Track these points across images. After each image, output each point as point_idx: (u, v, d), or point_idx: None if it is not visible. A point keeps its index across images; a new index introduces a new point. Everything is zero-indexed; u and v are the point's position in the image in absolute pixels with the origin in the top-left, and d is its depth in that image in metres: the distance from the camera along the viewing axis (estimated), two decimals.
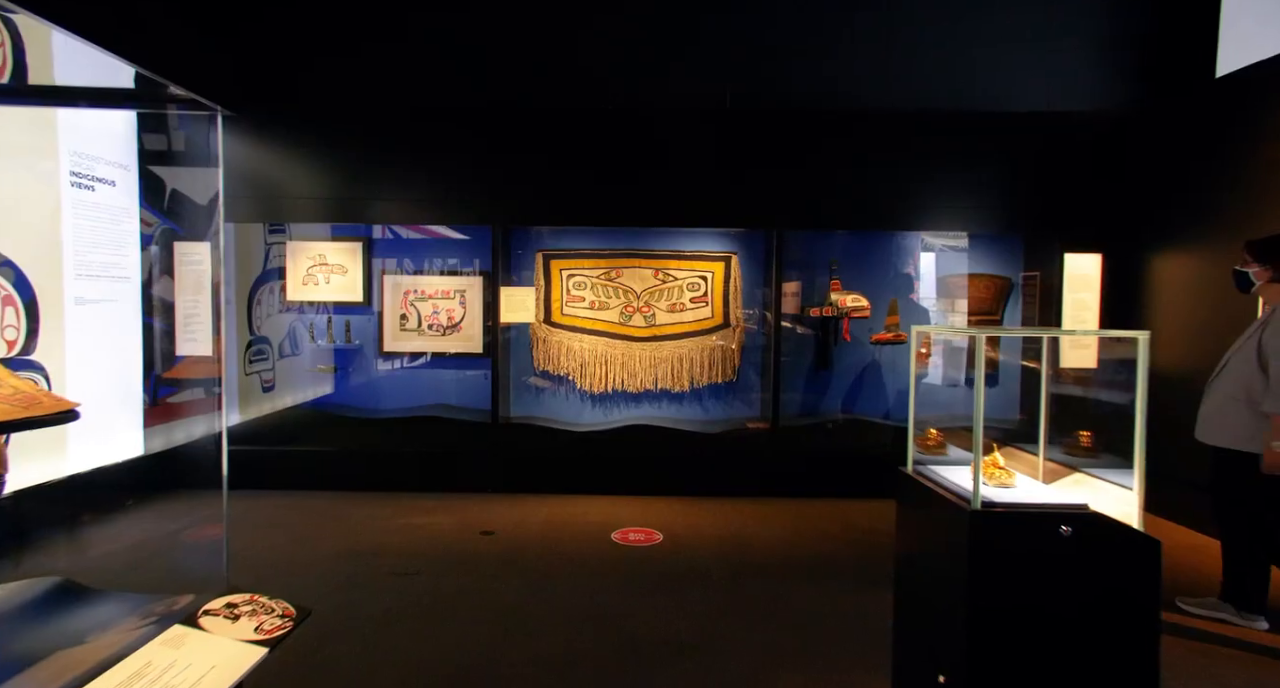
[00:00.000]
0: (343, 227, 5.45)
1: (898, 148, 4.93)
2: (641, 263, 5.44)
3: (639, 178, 4.99)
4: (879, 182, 4.95)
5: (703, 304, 5.46)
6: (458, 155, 4.97)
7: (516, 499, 4.85)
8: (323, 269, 5.41)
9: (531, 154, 4.97)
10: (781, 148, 4.97)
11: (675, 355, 5.44)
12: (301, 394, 5.64)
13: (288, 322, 5.59)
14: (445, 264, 5.52)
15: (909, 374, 5.50)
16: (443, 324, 5.47)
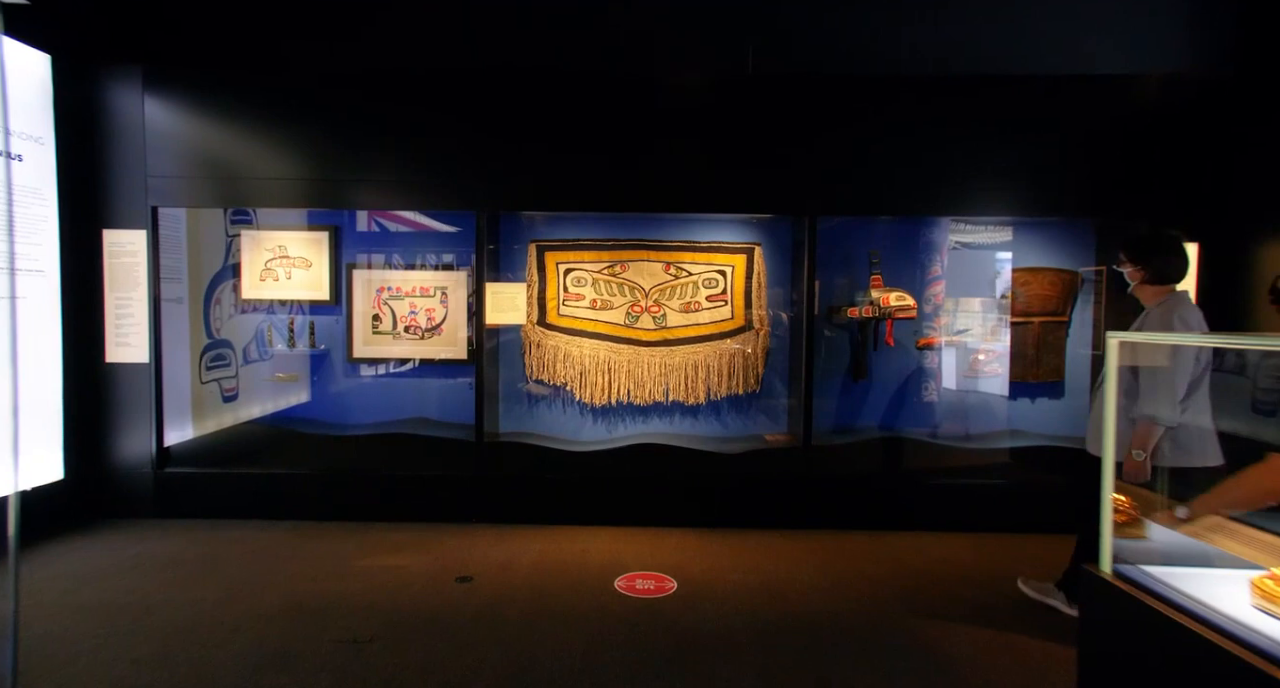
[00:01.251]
0: (308, 213, 4.74)
1: (950, 120, 4.19)
2: (650, 255, 4.71)
3: (648, 156, 4.26)
4: (928, 160, 4.20)
5: (721, 303, 4.72)
6: (437, 129, 4.26)
7: (503, 532, 4.13)
8: (283, 262, 4.70)
9: (523, 128, 4.24)
10: (813, 120, 4.23)
11: (689, 362, 4.71)
12: (271, 403, 4.94)
13: (255, 323, 4.88)
14: (424, 257, 4.81)
15: (961, 383, 4.77)
16: (421, 326, 4.76)
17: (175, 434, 4.49)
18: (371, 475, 4.35)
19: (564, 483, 4.35)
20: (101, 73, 4.21)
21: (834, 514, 4.26)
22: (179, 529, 4.08)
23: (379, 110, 4.26)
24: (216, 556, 3.71)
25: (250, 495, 4.31)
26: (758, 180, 4.28)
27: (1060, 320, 4.56)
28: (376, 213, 4.75)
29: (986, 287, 4.65)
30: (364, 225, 4.79)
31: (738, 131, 4.25)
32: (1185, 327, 2.62)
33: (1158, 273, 2.72)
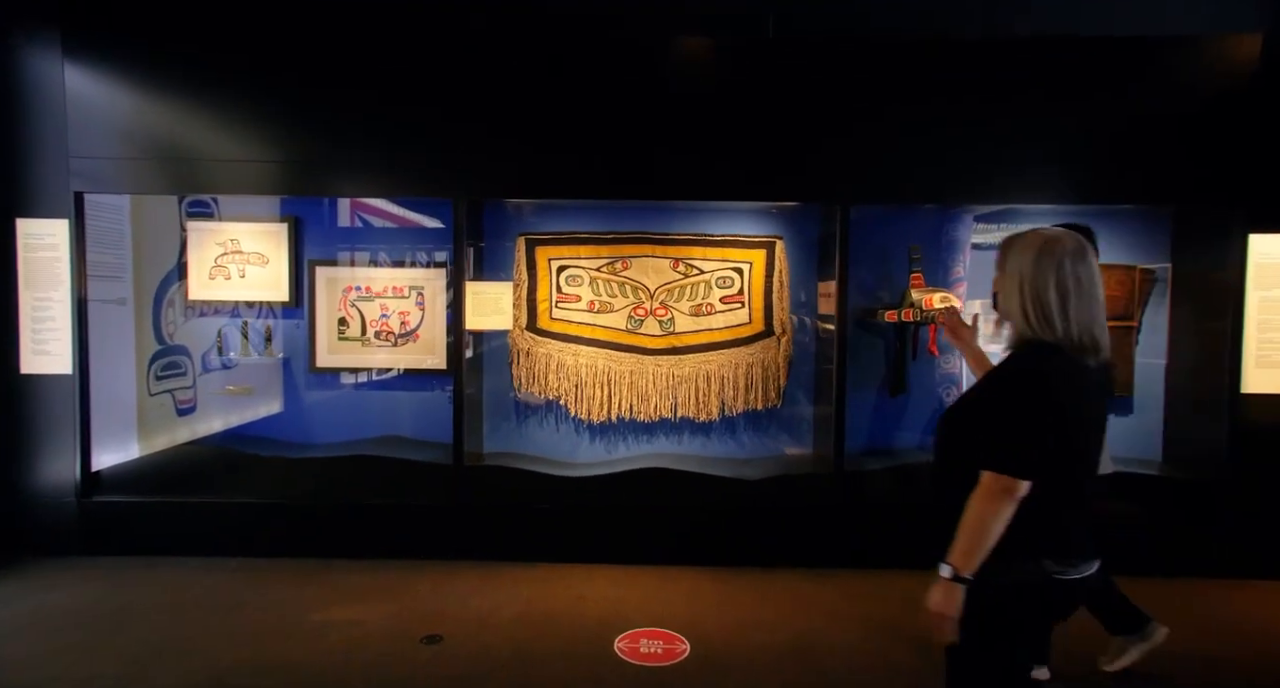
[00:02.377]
0: (265, 202, 4.15)
1: (1004, 91, 3.58)
2: (656, 250, 4.11)
3: (653, 136, 3.66)
4: (978, 139, 3.60)
5: (737, 305, 4.12)
6: (409, 103, 3.66)
7: (485, 572, 3.53)
8: (235, 258, 4.11)
9: (509, 103, 3.64)
10: (845, 93, 3.63)
11: (701, 373, 4.11)
12: (236, 416, 4.34)
13: (218, 326, 4.29)
14: (398, 253, 4.21)
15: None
16: (394, 331, 4.16)
17: (116, 455, 3.90)
18: (334, 505, 3.76)
19: (556, 513, 3.75)
20: (10, 35, 3.61)
21: (874, 551, 3.65)
22: (103, 571, 3.48)
23: (342, 82, 3.67)
24: (139, 607, 3.11)
25: (193, 528, 3.71)
26: (780, 163, 3.67)
27: (1128, 326, 3.95)
28: (346, 202, 4.15)
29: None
30: (329, 216, 4.19)
31: (757, 107, 3.65)
32: None
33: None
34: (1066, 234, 1.59)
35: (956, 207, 3.88)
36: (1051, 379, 1.50)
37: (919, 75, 3.60)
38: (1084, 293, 1.53)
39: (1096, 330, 1.55)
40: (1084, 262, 1.55)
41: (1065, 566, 1.52)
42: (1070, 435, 1.50)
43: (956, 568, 1.50)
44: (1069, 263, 1.54)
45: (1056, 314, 1.52)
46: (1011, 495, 1.47)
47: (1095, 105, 3.57)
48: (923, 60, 3.60)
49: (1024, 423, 1.48)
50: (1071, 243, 1.56)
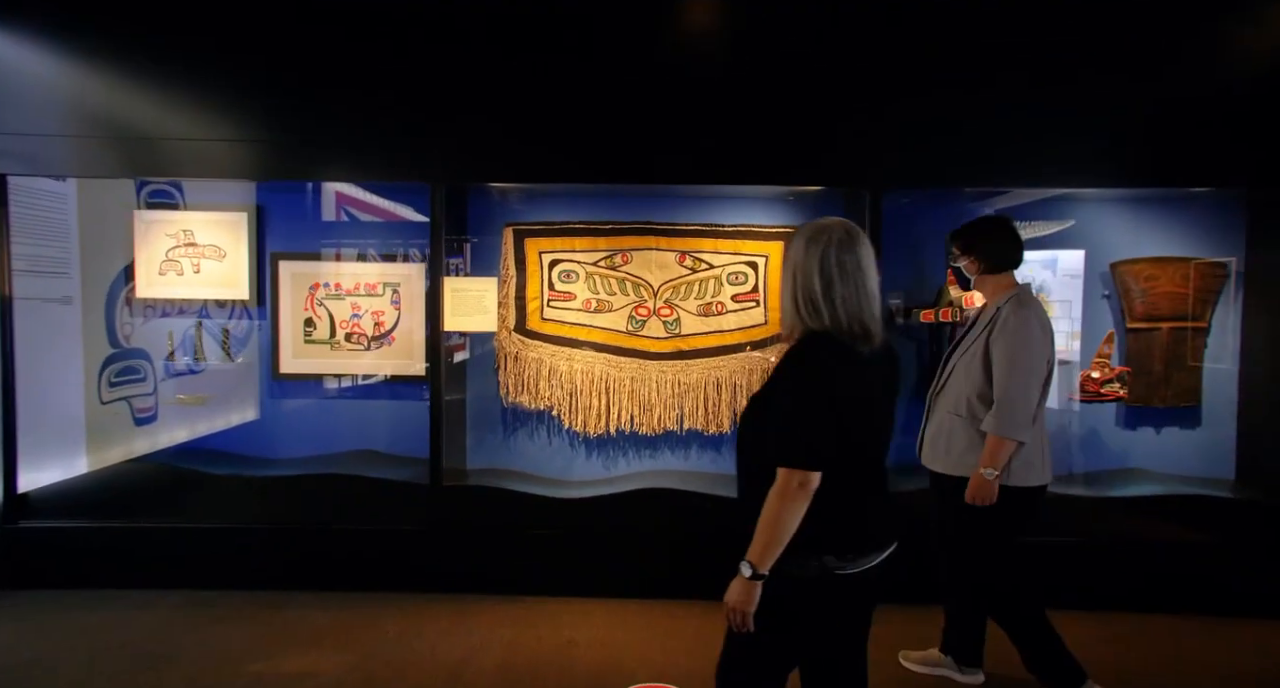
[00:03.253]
0: (226, 189, 3.71)
1: (1058, 59, 3.13)
2: (661, 243, 3.66)
3: (657, 111, 3.22)
4: (1029, 116, 3.14)
5: (751, 304, 3.67)
6: (379, 75, 3.23)
7: (463, 608, 3.08)
8: (188, 252, 3.67)
9: (492, 74, 3.21)
10: (876, 59, 3.18)
11: (710, 380, 3.65)
12: (205, 424, 3.90)
13: (184, 328, 3.85)
14: (372, 244, 3.77)
15: (1064, 408, 3.64)
16: (366, 333, 3.72)
17: (57, 472, 3.47)
18: (295, 530, 3.31)
19: (545, 540, 3.29)
20: None
21: (916, 583, 3.17)
22: (21, 609, 3.04)
23: (309, 52, 3.23)
24: (51, 659, 2.66)
25: (132, 558, 3.27)
26: (802, 143, 3.22)
27: (1197, 327, 3.48)
28: (313, 189, 3.72)
29: (1089, 281, 3.56)
30: (295, 205, 3.75)
31: (776, 78, 3.20)
32: (1045, 332, 2.38)
33: (993, 260, 2.47)
34: (838, 223, 1.59)
35: (1002, 192, 3.41)
36: (822, 368, 1.49)
37: (964, 43, 3.14)
38: (849, 280, 1.52)
39: (866, 318, 1.52)
40: (850, 250, 1.54)
41: (845, 561, 1.50)
42: (847, 426, 1.49)
43: (754, 565, 1.49)
44: (834, 251, 1.53)
45: (823, 301, 1.52)
46: (805, 489, 1.45)
47: (1157, 77, 3.12)
48: (968, 26, 3.14)
49: (801, 415, 1.46)
50: (839, 231, 1.57)
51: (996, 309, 2.40)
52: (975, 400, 2.39)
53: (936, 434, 2.51)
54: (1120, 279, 3.49)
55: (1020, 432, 2.29)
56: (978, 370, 2.38)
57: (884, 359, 1.59)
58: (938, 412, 2.53)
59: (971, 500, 2.34)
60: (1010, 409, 2.28)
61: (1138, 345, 3.49)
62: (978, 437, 2.37)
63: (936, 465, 2.50)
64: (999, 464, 2.30)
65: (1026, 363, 2.30)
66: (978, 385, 2.38)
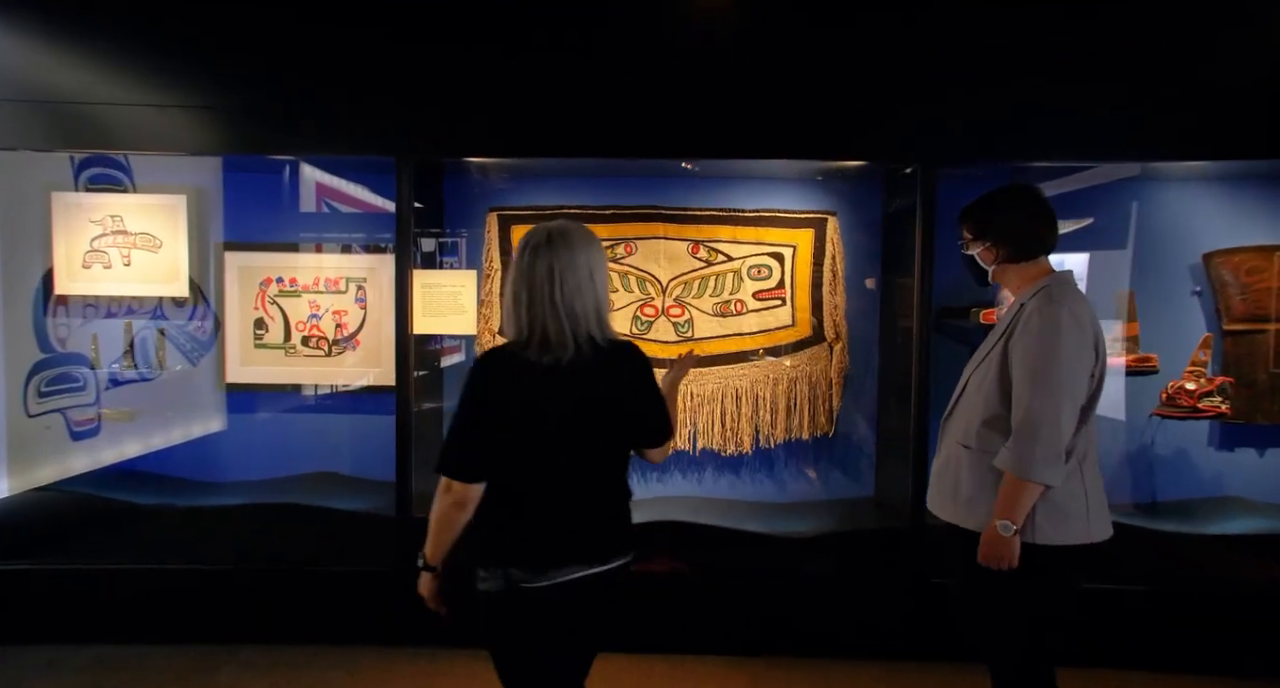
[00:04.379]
0: (184, 168, 3.19)
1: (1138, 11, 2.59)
2: (670, 230, 3.13)
3: (667, 71, 2.68)
4: (1102, 75, 2.61)
5: (776, 302, 3.13)
6: (337, 28, 2.70)
7: (429, 669, 2.56)
8: (116, 241, 3.14)
9: (466, 23, 2.67)
10: (923, 12, 2.64)
11: (728, 391, 3.12)
12: (161, 438, 3.37)
13: (137, 330, 3.32)
14: (332, 233, 3.24)
15: (1147, 426, 3.01)
16: (327, 336, 3.19)
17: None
18: (235, 571, 2.78)
19: None
20: None
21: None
22: None
23: (249, 2, 2.71)
24: None
25: (36, 606, 2.74)
26: (842, 109, 2.69)
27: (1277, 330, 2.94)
28: (264, 167, 3.19)
29: (1174, 275, 3.02)
30: (242, 184, 3.22)
31: (803, 34, 2.67)
32: (1084, 334, 1.73)
33: (1014, 244, 1.86)
34: (544, 226, 1.53)
35: (1080, 168, 2.86)
36: (484, 381, 1.49)
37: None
38: (537, 288, 1.47)
39: (550, 327, 1.47)
40: (543, 255, 1.49)
41: (529, 573, 1.47)
42: (520, 439, 1.47)
43: (424, 555, 1.53)
44: (528, 257, 1.50)
45: (511, 310, 1.51)
46: (453, 495, 1.47)
47: (1248, 27, 2.58)
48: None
49: (456, 425, 1.48)
50: (539, 236, 1.51)
51: (1020, 306, 1.81)
52: (987, 428, 1.80)
53: (942, 470, 1.92)
54: (1215, 272, 2.94)
55: (1045, 470, 1.68)
56: (992, 387, 1.79)
57: (586, 370, 1.48)
58: (945, 442, 1.95)
59: (985, 561, 1.75)
60: (1032, 439, 1.68)
61: (1237, 350, 2.94)
62: (990, 476, 1.78)
63: (942, 512, 1.91)
64: (1018, 514, 1.70)
65: (1055, 376, 1.69)
66: (992, 407, 1.79)
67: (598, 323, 1.50)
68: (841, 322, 3.10)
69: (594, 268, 1.50)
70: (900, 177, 2.88)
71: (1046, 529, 1.73)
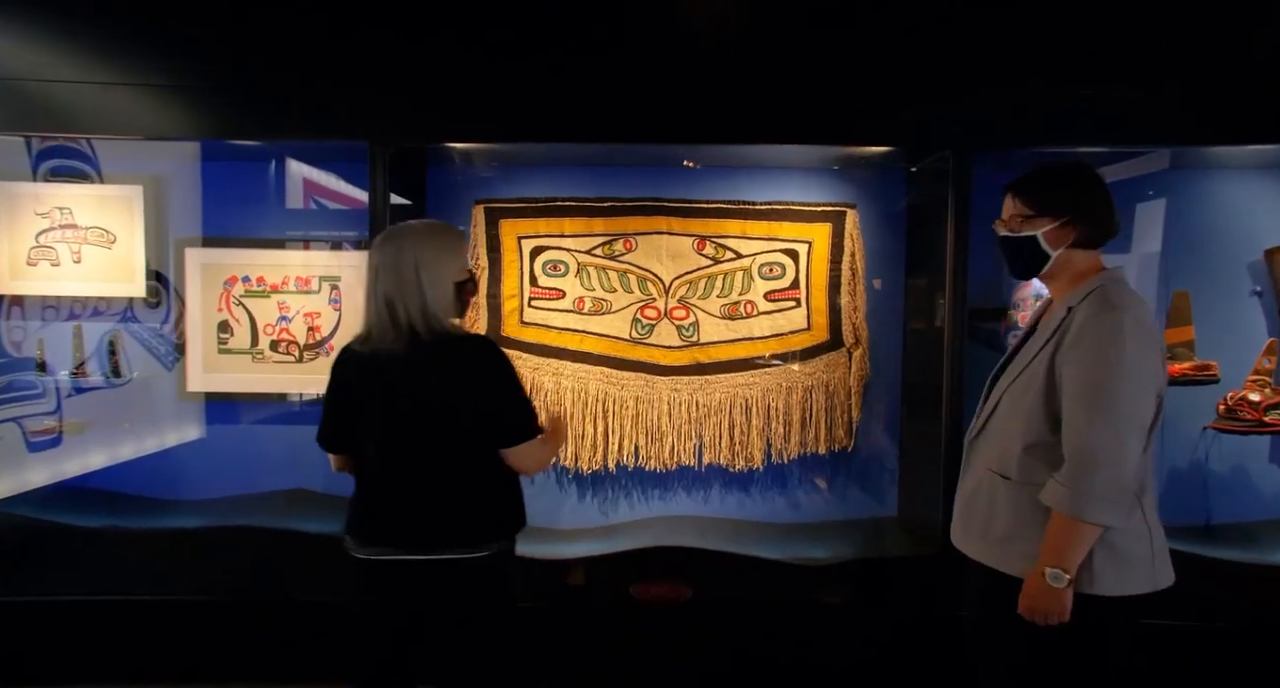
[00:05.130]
0: (126, 156, 2.91)
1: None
2: (674, 225, 2.85)
3: (672, 47, 2.41)
4: (1174, 52, 2.33)
5: (790, 303, 2.85)
6: (307, 2, 2.43)
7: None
8: (65, 236, 2.86)
9: (448, 2, 2.41)
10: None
11: (737, 401, 2.84)
12: (130, 448, 3.10)
13: (102, 334, 3.04)
14: (304, 228, 2.97)
15: (1205, 440, 2.63)
16: (298, 341, 2.91)
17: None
18: (188, 604, 2.51)
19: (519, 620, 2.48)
20: None
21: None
22: None
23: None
24: None
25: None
26: (863, 86, 2.41)
27: None
28: (228, 152, 2.91)
29: (1231, 274, 2.74)
30: (203, 174, 2.95)
31: (824, 2, 2.39)
32: (1148, 344, 1.46)
33: (1095, 226, 1.55)
34: (402, 224, 1.65)
35: (1136, 153, 2.58)
36: (335, 365, 1.65)
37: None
38: (366, 283, 1.59)
39: (370, 320, 1.57)
40: (379, 248, 1.60)
41: (357, 544, 1.60)
42: (351, 419, 1.61)
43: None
44: (372, 251, 1.62)
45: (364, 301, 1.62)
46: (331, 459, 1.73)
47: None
48: None
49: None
50: (387, 230, 1.65)
51: (1067, 310, 1.52)
52: (1030, 455, 1.52)
53: (971, 501, 1.64)
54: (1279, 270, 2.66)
55: (1106, 509, 1.41)
56: (1035, 408, 1.51)
57: (408, 363, 1.54)
58: (973, 465, 1.67)
59: (1029, 615, 1.47)
60: (1090, 472, 1.41)
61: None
62: (1032, 511, 1.50)
63: (971, 549, 1.64)
64: (1071, 561, 1.42)
65: (1119, 397, 1.41)
66: (1035, 431, 1.52)
67: (422, 317, 1.52)
68: (862, 325, 2.82)
69: (424, 263, 1.53)
70: (928, 164, 2.61)
71: (1105, 577, 1.45)
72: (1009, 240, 1.63)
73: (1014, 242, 1.61)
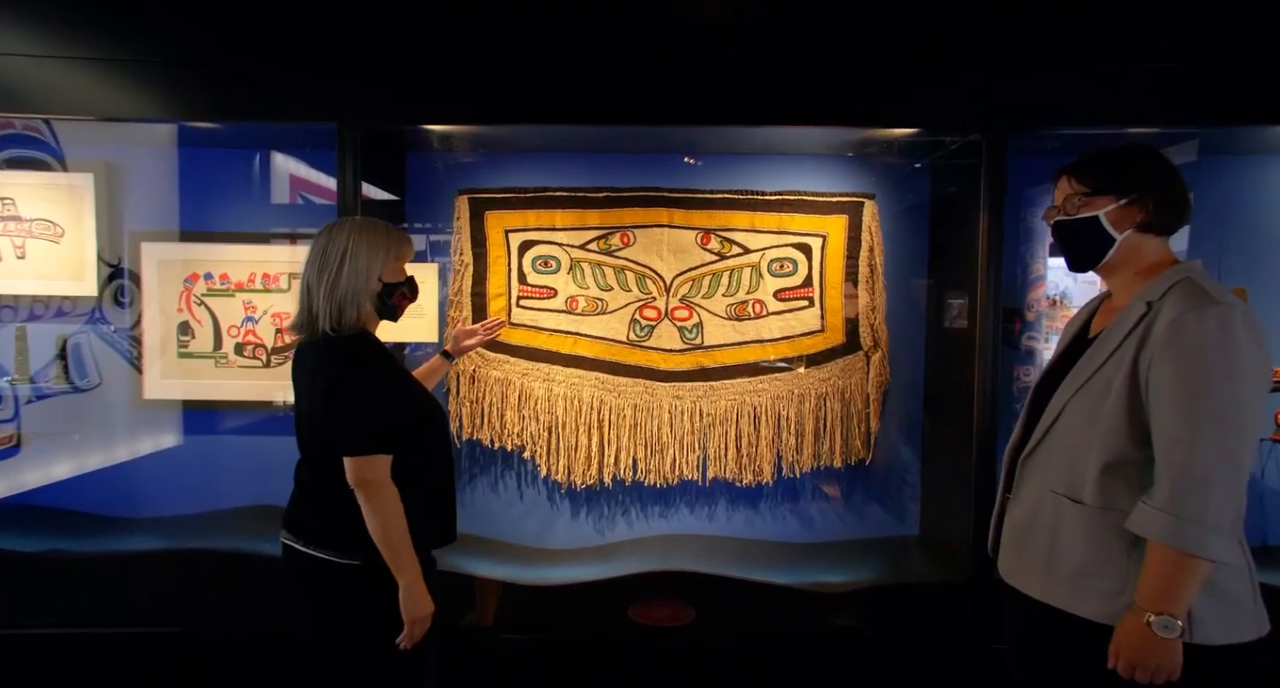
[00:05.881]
0: (93, 144, 2.66)
1: None
2: (675, 217, 2.61)
3: (666, 20, 2.16)
4: (1229, 28, 2.09)
5: (801, 302, 2.61)
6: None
7: None
8: (8, 229, 2.61)
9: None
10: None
11: (745, 409, 2.60)
12: (99, 456, 2.85)
13: (69, 336, 2.79)
14: (272, 220, 2.72)
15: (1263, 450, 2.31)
16: (265, 344, 2.67)
17: None
18: (136, 637, 2.26)
19: (506, 654, 2.24)
20: None
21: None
22: None
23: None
24: None
25: None
26: (887, 61, 2.17)
27: None
28: (189, 137, 2.67)
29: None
30: (163, 162, 2.70)
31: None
32: (1259, 343, 1.21)
33: (1171, 209, 1.34)
34: (346, 216, 1.76)
35: (1190, 134, 2.34)
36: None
37: None
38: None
39: (297, 307, 1.56)
40: (316, 237, 1.56)
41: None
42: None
43: None
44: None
45: None
46: None
47: None
48: None
49: None
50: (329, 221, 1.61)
51: (1146, 306, 1.29)
52: (1110, 476, 1.29)
53: (1027, 529, 1.40)
54: None
55: (1224, 540, 1.19)
56: (1115, 416, 1.28)
57: (306, 358, 1.56)
58: (1028, 486, 1.42)
59: (1129, 671, 1.23)
60: (1202, 496, 1.18)
61: None
62: (1115, 542, 1.28)
63: (1029, 585, 1.40)
64: (1182, 605, 1.20)
65: (1232, 406, 1.19)
66: (1117, 447, 1.28)
67: (327, 307, 1.49)
68: (881, 326, 2.58)
69: (351, 253, 1.49)
70: (955, 149, 2.37)
71: (1210, 624, 1.23)
72: (1065, 226, 1.42)
73: (1072, 226, 1.40)
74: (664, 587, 2.34)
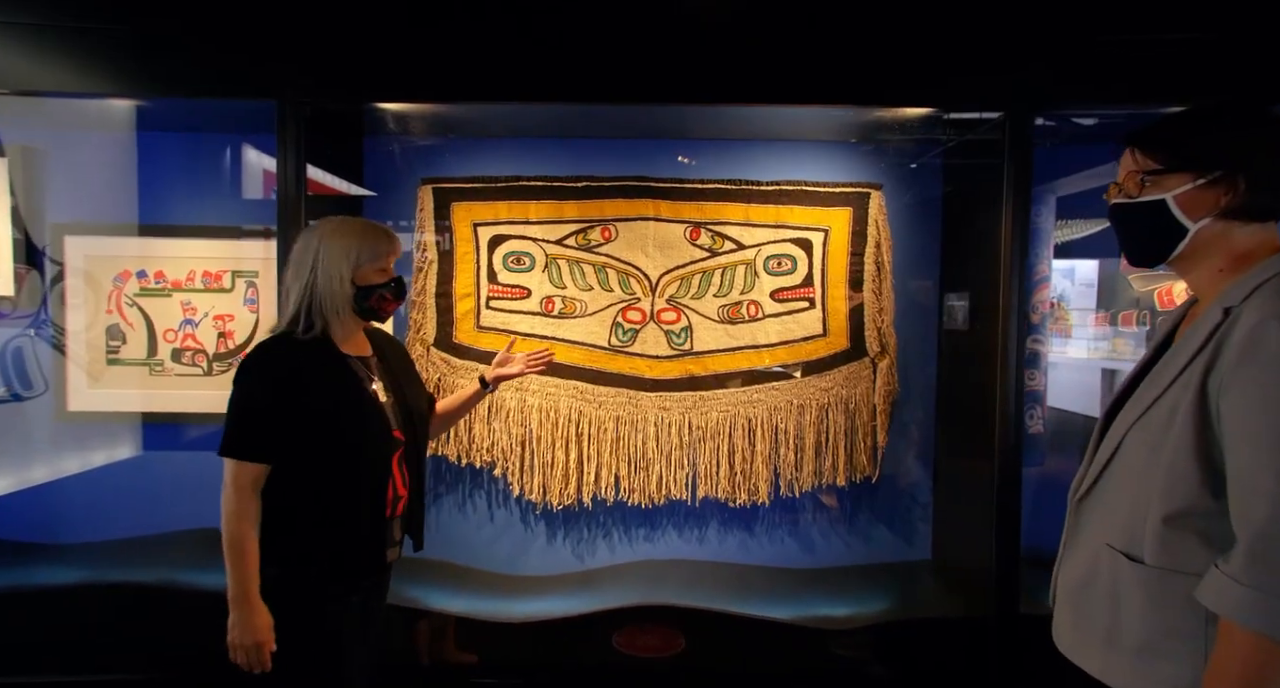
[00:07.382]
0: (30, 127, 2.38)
1: None
2: (662, 209, 2.36)
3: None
4: None
5: (801, 304, 2.37)
6: None
7: None
8: None
9: None
10: None
11: (739, 421, 2.35)
12: (21, 476, 2.55)
13: (8, 338, 2.49)
14: (214, 212, 2.45)
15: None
16: (206, 349, 2.39)
17: None
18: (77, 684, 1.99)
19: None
20: None
21: None
22: None
23: None
24: None
25: None
26: (900, 32, 1.93)
27: None
28: (118, 118, 2.39)
29: None
30: (88, 143, 2.42)
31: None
32: None
33: (1265, 189, 1.01)
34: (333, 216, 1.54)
35: None
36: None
37: None
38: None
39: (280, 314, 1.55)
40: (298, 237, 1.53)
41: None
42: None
43: None
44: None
45: None
46: None
47: None
48: None
49: None
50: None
51: (1223, 312, 1.01)
52: (1173, 528, 1.01)
53: (1084, 590, 1.13)
54: None
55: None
56: (1181, 453, 1.00)
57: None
58: (1084, 540, 1.15)
59: None
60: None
61: None
62: (1184, 612, 1.00)
63: (1089, 662, 1.12)
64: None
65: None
66: (1183, 490, 1.00)
67: (291, 317, 1.45)
68: (888, 330, 2.34)
69: (325, 252, 1.43)
70: (971, 133, 2.13)
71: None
72: (1123, 210, 1.11)
73: (1131, 210, 1.10)
74: (644, 622, 2.09)
